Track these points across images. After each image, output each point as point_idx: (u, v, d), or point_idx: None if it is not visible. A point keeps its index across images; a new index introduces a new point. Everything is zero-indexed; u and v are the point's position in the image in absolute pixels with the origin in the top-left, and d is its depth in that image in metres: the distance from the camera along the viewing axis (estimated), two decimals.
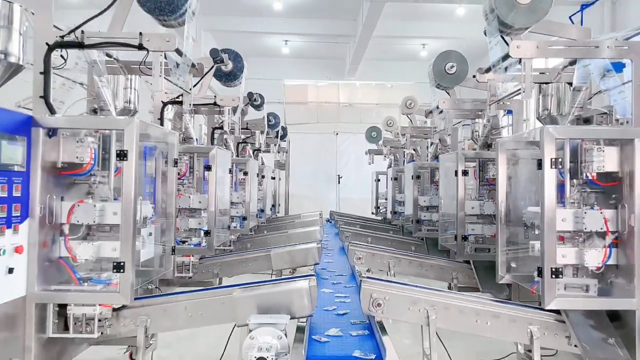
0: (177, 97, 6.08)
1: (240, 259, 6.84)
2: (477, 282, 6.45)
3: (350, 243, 7.27)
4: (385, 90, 20.63)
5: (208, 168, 6.52)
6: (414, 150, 10.85)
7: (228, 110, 7.06)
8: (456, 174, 6.30)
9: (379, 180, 14.58)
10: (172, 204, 5.04)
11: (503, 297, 5.69)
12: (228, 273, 6.81)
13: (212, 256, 6.79)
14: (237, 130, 8.09)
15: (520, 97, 4.51)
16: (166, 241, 4.95)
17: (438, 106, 7.09)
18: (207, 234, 6.44)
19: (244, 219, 8.80)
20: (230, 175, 7.86)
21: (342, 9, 15.81)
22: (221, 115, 7.47)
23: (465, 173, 6.34)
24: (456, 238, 6.39)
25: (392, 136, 12.97)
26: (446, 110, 7.17)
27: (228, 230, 7.49)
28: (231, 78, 7.43)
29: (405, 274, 6.78)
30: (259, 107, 10.10)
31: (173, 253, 5.03)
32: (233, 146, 8.91)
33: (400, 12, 15.29)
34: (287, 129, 15.67)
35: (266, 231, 10.18)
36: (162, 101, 6.09)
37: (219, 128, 7.85)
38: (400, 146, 11.83)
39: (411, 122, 11.00)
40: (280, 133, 13.40)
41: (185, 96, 5.63)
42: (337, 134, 20.30)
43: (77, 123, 3.95)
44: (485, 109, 6.53)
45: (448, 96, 7.26)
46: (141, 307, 4.09)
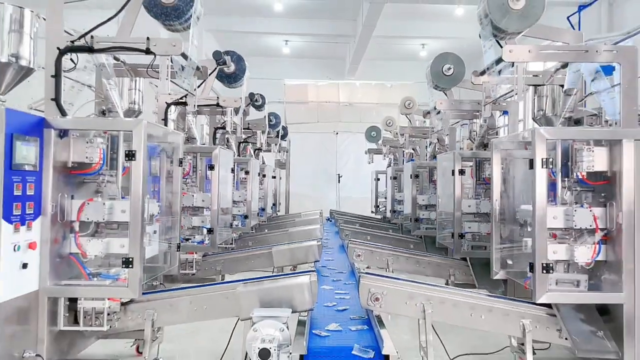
0: (181, 98, 6.24)
1: (242, 257, 6.99)
2: (474, 279, 6.61)
3: (349, 241, 7.41)
4: (385, 89, 20.75)
5: (211, 167, 6.67)
6: (413, 149, 10.99)
7: (230, 110, 7.20)
8: (453, 173, 6.45)
9: (379, 179, 14.70)
10: (178, 203, 5.19)
11: (498, 293, 5.85)
12: (230, 270, 6.97)
13: (215, 253, 6.94)
14: (239, 130, 8.23)
15: (513, 99, 4.65)
16: (171, 238, 5.10)
17: (435, 107, 7.23)
18: (210, 232, 6.59)
19: (246, 218, 8.94)
20: (232, 174, 8.00)
21: (342, 10, 15.93)
22: (223, 115, 7.61)
23: (462, 172, 6.48)
24: (453, 236, 6.54)
25: (392, 136, 13.09)
26: (443, 111, 7.31)
27: (230, 228, 7.64)
28: (233, 79, 7.57)
29: (403, 271, 6.91)
30: (260, 108, 10.23)
31: (178, 250, 5.17)
32: (235, 146, 9.05)
33: (399, 13, 15.40)
34: (288, 129, 15.80)
35: (267, 229, 10.31)
36: (166, 102, 6.25)
37: (221, 128, 7.99)
38: (399, 146, 11.96)
39: (410, 122, 11.14)
40: (280, 133, 13.52)
41: (189, 98, 5.78)
42: (337, 134, 20.41)
43: (88, 124, 4.10)
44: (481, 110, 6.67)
45: (445, 97, 7.41)
46: (148, 302, 4.25)
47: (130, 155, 3.92)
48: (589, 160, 4.08)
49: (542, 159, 3.99)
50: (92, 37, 4.05)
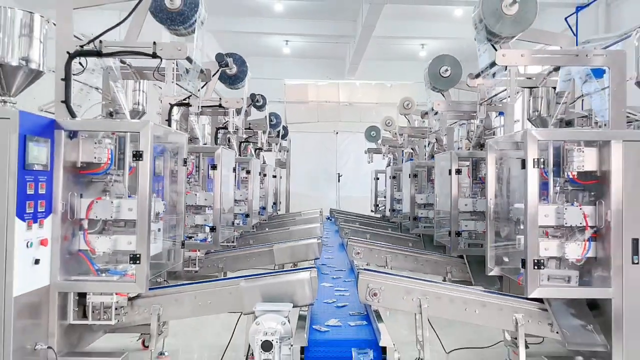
0: (184, 100, 6.38)
1: (244, 254, 7.13)
2: (470, 276, 6.76)
3: (349, 239, 7.54)
4: (384, 89, 20.87)
5: (213, 167, 6.82)
6: (412, 149, 11.12)
7: (232, 111, 7.34)
8: (450, 173, 6.59)
9: (378, 178, 14.81)
10: (182, 201, 5.33)
11: (494, 290, 5.99)
12: (232, 267, 7.10)
13: (217, 251, 7.08)
14: (241, 130, 8.37)
15: (506, 101, 4.79)
16: (176, 236, 5.24)
17: (433, 108, 7.38)
18: (213, 230, 6.74)
19: (247, 216, 9.07)
20: (233, 173, 8.13)
21: (342, 10, 16.04)
22: (225, 116, 7.75)
23: (458, 172, 6.63)
24: (450, 234, 6.68)
25: (391, 136, 13.21)
26: (441, 112, 7.45)
27: (232, 226, 7.78)
28: (235, 81, 7.71)
29: (402, 269, 7.02)
30: (261, 108, 10.38)
31: (183, 247, 5.32)
32: (236, 145, 9.18)
33: (399, 13, 15.52)
34: (288, 128, 15.92)
35: (268, 228, 10.44)
36: (170, 103, 6.39)
37: (223, 128, 8.13)
38: (398, 145, 12.08)
39: (409, 123, 11.27)
40: (281, 132, 13.64)
41: (193, 99, 5.92)
42: (337, 133, 20.52)
43: (97, 126, 4.26)
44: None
45: (443, 98, 7.55)
46: (154, 297, 4.40)
47: (137, 155, 4.07)
48: (580, 160, 4.23)
49: (534, 159, 4.14)
50: (101, 42, 4.20)
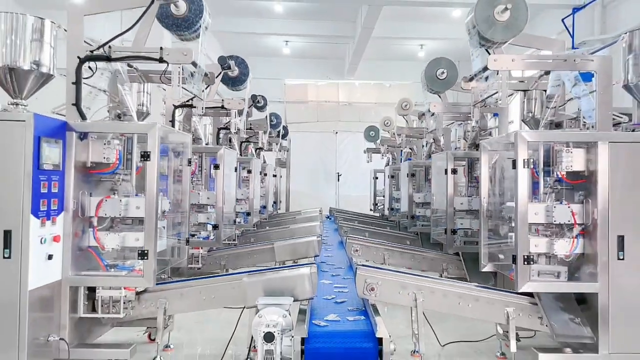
0: (187, 101, 6.56)
1: (245, 251, 7.32)
2: (466, 273, 6.95)
3: (348, 236, 7.72)
4: (383, 89, 21.05)
5: (216, 167, 7.00)
6: (411, 149, 11.29)
7: (235, 112, 7.51)
8: (446, 172, 6.78)
9: (377, 178, 14.97)
10: (187, 200, 5.52)
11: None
12: (234, 265, 7.28)
13: (220, 249, 7.27)
14: (242, 130, 8.54)
15: (498, 103, 4.98)
16: (181, 233, 5.43)
17: (429, 109, 7.56)
18: (215, 228, 6.92)
19: (248, 215, 9.25)
20: (235, 173, 8.30)
21: (341, 11, 16.22)
22: (227, 117, 7.93)
23: (454, 171, 6.82)
24: (446, 232, 6.87)
25: (389, 136, 13.37)
26: (437, 113, 7.64)
27: (234, 225, 7.96)
28: (237, 83, 7.89)
29: (400, 266, 7.20)
30: (262, 109, 10.55)
31: (187, 244, 5.51)
32: (237, 145, 9.35)
33: (398, 14, 15.70)
34: (288, 128, 16.09)
35: (268, 227, 10.60)
36: (174, 105, 6.57)
37: (225, 128, 8.31)
38: (397, 145, 12.25)
39: (407, 123, 11.45)
40: (281, 132, 13.81)
41: (197, 101, 6.10)
42: (337, 133, 20.68)
43: (107, 128, 4.45)
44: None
45: (439, 100, 7.73)
46: (161, 291, 4.58)
47: (145, 156, 4.25)
48: (568, 160, 4.41)
49: (524, 160, 4.32)
50: (110, 47, 4.38)
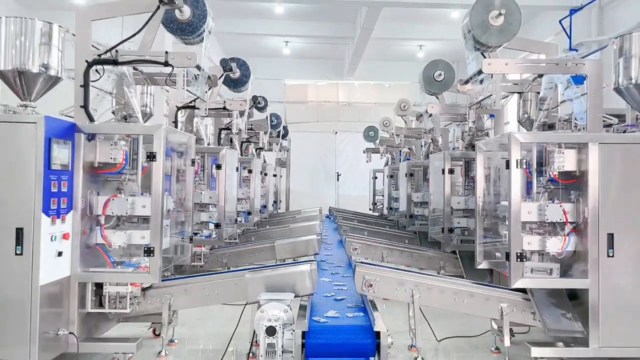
0: (190, 103, 6.71)
1: (247, 250, 7.47)
2: (462, 271, 7.10)
3: (347, 235, 7.86)
4: (383, 89, 21.20)
5: (218, 167, 7.15)
6: (409, 149, 11.44)
7: (236, 113, 7.66)
8: (443, 172, 6.93)
9: (376, 177, 15.11)
10: (190, 199, 5.66)
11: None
12: (236, 262, 7.44)
13: (222, 247, 7.42)
14: (243, 131, 8.69)
15: (492, 105, 5.12)
16: (184, 232, 5.57)
17: (427, 110, 7.71)
18: (217, 227, 7.07)
19: (249, 214, 9.40)
20: (236, 173, 8.44)
21: (341, 12, 16.34)
22: (229, 117, 8.08)
23: (451, 171, 6.97)
24: (443, 231, 7.02)
25: (388, 136, 13.51)
26: (435, 114, 7.79)
27: (235, 223, 8.11)
28: (238, 84, 8.04)
29: (398, 264, 7.33)
30: (263, 109, 10.70)
31: (191, 242, 5.65)
32: (238, 145, 9.50)
33: (397, 15, 15.82)
34: (288, 128, 16.22)
35: (269, 226, 10.75)
36: (177, 106, 6.72)
37: (226, 129, 8.46)
38: (395, 145, 12.40)
39: (406, 123, 11.60)
40: (281, 132, 13.95)
41: (200, 103, 6.25)
42: (336, 133, 20.82)
43: (114, 129, 4.59)
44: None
45: (437, 101, 7.88)
46: (165, 287, 4.75)
47: (151, 156, 4.40)
48: (560, 161, 4.56)
49: (517, 160, 4.47)
50: (117, 51, 4.53)
